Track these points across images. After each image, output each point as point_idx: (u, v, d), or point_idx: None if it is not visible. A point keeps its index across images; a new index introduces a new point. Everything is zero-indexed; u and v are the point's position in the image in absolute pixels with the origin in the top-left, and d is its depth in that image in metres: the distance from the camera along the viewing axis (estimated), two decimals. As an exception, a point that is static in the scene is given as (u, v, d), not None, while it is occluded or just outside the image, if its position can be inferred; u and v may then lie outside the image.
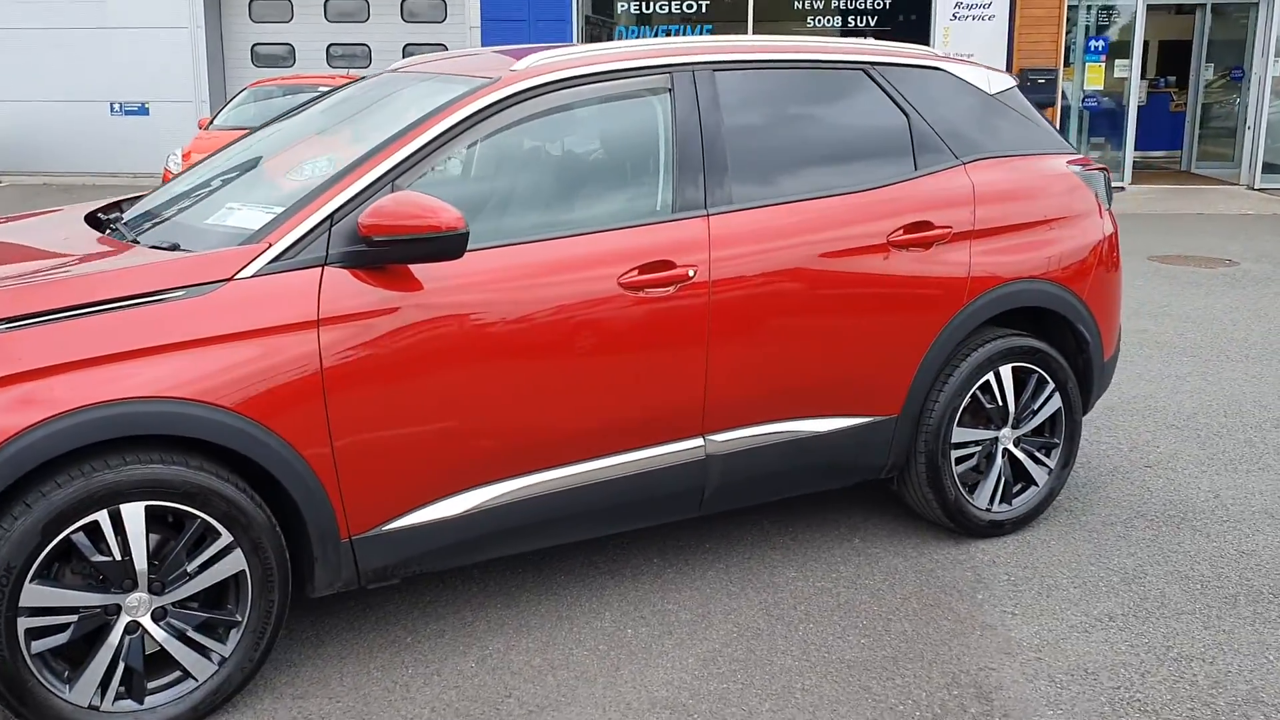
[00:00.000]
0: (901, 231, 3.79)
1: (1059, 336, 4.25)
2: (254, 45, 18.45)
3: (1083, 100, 16.02)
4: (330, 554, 3.06)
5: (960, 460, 4.06)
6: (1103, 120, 16.18)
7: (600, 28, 16.91)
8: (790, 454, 3.71)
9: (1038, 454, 4.22)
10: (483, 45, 16.26)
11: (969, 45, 15.19)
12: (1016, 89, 4.34)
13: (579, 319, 3.28)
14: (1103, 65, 15.74)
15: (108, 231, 3.46)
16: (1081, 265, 4.18)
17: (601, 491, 3.42)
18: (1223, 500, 4.52)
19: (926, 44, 15.51)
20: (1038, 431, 4.24)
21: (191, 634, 2.93)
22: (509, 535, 3.33)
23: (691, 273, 3.41)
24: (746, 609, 3.63)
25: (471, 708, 3.09)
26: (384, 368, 3.02)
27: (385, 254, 2.98)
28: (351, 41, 18.52)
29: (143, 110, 18.07)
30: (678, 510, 3.65)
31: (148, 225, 3.44)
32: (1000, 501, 4.17)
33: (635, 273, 3.34)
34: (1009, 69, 15.11)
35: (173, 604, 2.89)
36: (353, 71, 16.89)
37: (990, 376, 4.02)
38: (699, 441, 3.54)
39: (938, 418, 3.94)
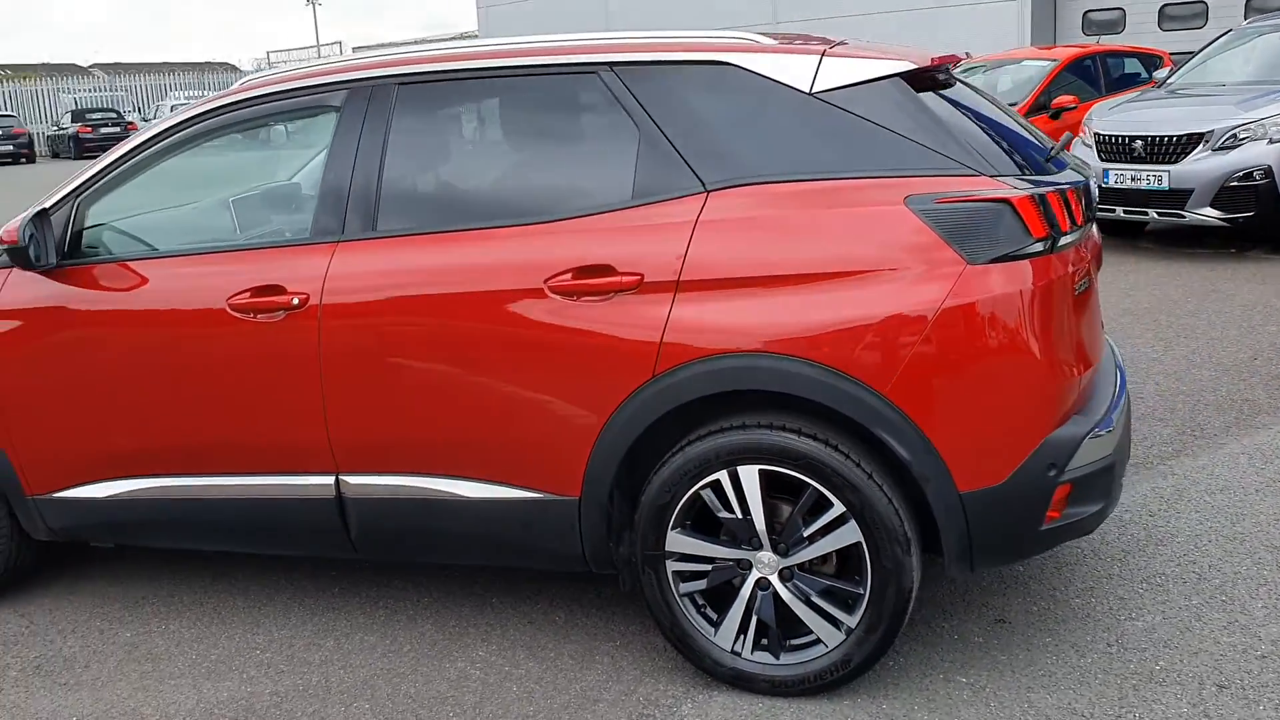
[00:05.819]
0: (569, 275, 3.02)
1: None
2: (1086, 12, 18.17)
3: None
4: (24, 506, 3.70)
5: (691, 576, 3.10)
6: None
7: None
8: (432, 514, 3.28)
9: (820, 601, 2.99)
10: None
11: None
12: (881, 83, 2.95)
13: (191, 337, 3.40)
14: None
15: None
16: (886, 345, 2.79)
17: (231, 509, 3.49)
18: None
19: None
20: (842, 571, 3.01)
21: None
22: (149, 527, 3.62)
23: (296, 300, 3.25)
24: (303, 674, 3.35)
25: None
26: (42, 356, 3.56)
27: (7, 261, 3.51)
28: (1185, 0, 17.06)
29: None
30: (326, 546, 3.50)
31: None
32: (756, 649, 3.07)
33: (247, 295, 3.32)
34: None
35: None
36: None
37: (724, 476, 2.99)
38: (329, 480, 3.36)
39: (642, 514, 3.07)
